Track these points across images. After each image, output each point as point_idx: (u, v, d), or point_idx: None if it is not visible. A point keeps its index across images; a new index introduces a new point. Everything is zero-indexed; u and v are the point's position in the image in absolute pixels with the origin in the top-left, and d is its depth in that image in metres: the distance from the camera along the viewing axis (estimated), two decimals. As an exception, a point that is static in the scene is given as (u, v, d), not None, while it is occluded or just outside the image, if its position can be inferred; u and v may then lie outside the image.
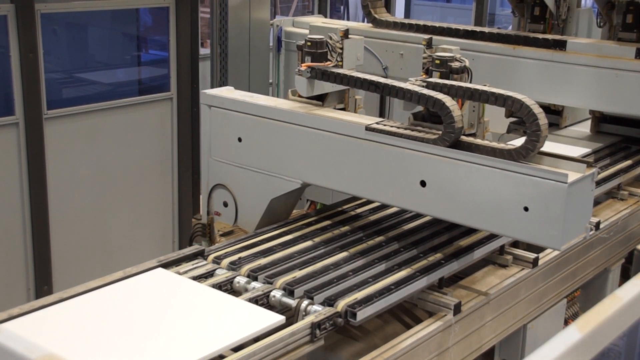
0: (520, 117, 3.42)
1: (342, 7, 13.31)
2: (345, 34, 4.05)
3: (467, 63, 3.68)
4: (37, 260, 6.32)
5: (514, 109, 3.34)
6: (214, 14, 7.78)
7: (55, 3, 6.23)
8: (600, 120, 5.84)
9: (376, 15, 6.92)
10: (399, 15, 11.85)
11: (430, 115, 3.61)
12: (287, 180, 3.98)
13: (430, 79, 3.61)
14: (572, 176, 3.17)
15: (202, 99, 4.29)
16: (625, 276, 4.92)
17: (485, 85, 3.50)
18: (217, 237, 4.13)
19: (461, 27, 6.35)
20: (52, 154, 6.31)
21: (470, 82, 3.65)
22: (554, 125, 5.84)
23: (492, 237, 3.90)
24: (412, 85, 3.55)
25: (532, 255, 3.99)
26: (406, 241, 3.81)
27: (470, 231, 3.95)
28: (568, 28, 6.39)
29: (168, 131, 7.28)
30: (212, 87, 7.97)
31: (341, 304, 3.09)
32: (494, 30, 6.49)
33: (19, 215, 6.19)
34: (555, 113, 5.85)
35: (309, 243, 3.73)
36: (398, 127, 3.63)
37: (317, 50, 3.96)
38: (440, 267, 3.54)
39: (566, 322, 4.49)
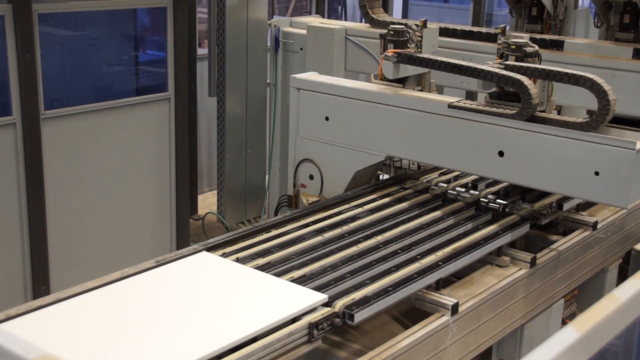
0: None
1: (339, 7, 13.30)
2: (424, 23, 4.63)
3: (537, 48, 4.17)
4: (34, 261, 6.31)
5: (586, 86, 3.82)
6: (212, 14, 7.78)
7: (53, 3, 6.23)
8: (598, 121, 5.84)
9: (374, 16, 6.93)
10: (396, 15, 11.85)
11: (505, 94, 4.10)
12: (372, 154, 4.46)
13: (507, 62, 4.08)
14: (639, 144, 3.63)
15: (292, 82, 4.75)
16: (622, 276, 4.92)
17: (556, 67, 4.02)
18: (307, 205, 4.54)
19: (459, 27, 6.36)
20: (49, 155, 6.30)
21: (540, 64, 4.12)
22: (552, 126, 5.85)
23: (489, 238, 3.90)
24: (492, 67, 4.05)
25: (529, 256, 3.99)
26: (404, 242, 3.81)
27: (468, 233, 3.96)
28: (565, 28, 6.41)
29: (165, 131, 7.27)
30: (210, 87, 7.98)
31: (339, 305, 3.09)
32: (492, 30, 6.50)
33: (17, 215, 6.18)
34: (552, 113, 5.86)
35: (306, 244, 3.72)
36: (477, 105, 4.10)
37: (399, 38, 4.46)
38: (438, 268, 3.54)
39: (564, 322, 4.49)
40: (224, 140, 8.04)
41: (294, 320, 2.95)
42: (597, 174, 3.71)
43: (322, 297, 3.13)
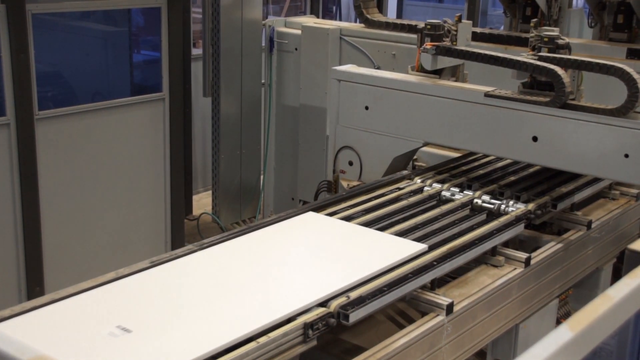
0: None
1: (334, 8, 13.30)
2: (459, 18, 4.88)
3: (568, 40, 4.40)
4: (28, 262, 6.30)
5: (616, 75, 4.07)
6: (206, 14, 7.78)
7: (47, 3, 6.21)
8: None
9: (368, 16, 6.93)
10: (391, 15, 11.85)
11: (538, 83, 4.33)
12: (411, 140, 4.74)
13: (541, 54, 4.32)
14: None
15: (332, 74, 5.02)
16: (616, 275, 4.93)
17: (587, 57, 4.31)
18: (348, 189, 4.78)
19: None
20: (43, 155, 6.29)
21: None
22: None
23: (484, 238, 3.91)
24: (526, 58, 4.29)
25: (524, 255, 4.00)
26: (399, 241, 3.80)
27: (463, 232, 3.96)
28: (559, 28, 6.41)
29: (160, 131, 7.26)
30: (204, 87, 7.97)
31: (334, 305, 3.09)
32: (486, 30, 6.51)
33: (11, 216, 6.16)
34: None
35: (301, 243, 3.72)
36: (512, 94, 4.36)
37: (436, 32, 4.74)
38: (433, 268, 3.54)
39: (558, 322, 4.49)
40: (218, 140, 8.03)
41: (289, 320, 2.95)
42: (626, 156, 3.98)
43: (422, 246, 3.60)
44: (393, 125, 4.77)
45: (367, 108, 4.86)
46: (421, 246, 3.63)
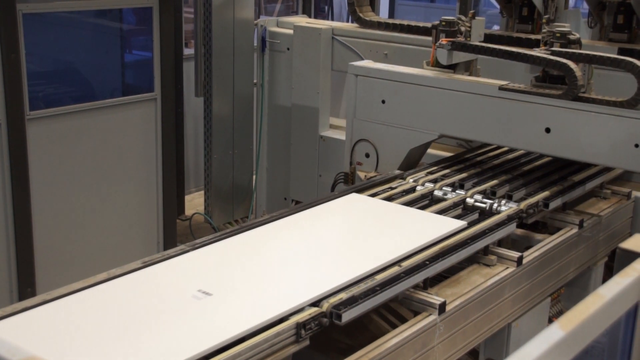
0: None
1: (326, 7, 13.29)
2: (473, 15, 5.10)
3: (579, 36, 4.59)
4: (20, 262, 6.27)
5: (627, 69, 4.25)
6: (198, 14, 7.76)
7: (37, 3, 6.18)
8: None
9: (361, 15, 6.94)
10: (382, 15, 11.85)
11: (550, 77, 4.49)
12: (426, 132, 4.92)
13: (554, 49, 4.48)
14: None
15: (350, 69, 5.20)
16: (608, 274, 4.95)
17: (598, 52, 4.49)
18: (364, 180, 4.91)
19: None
20: (34, 156, 6.26)
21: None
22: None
23: (476, 237, 3.91)
24: (539, 53, 4.47)
25: (516, 254, 4.00)
26: (391, 241, 3.80)
27: (456, 233, 3.96)
28: (555, 28, 6.42)
29: (152, 132, 7.24)
30: (197, 87, 7.95)
31: (326, 305, 3.09)
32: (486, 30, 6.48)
33: (2, 217, 6.14)
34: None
35: (294, 243, 3.72)
36: (525, 87, 4.53)
37: (450, 28, 4.93)
38: (425, 267, 3.54)
39: (550, 320, 4.51)
40: (210, 140, 8.02)
41: (281, 320, 2.95)
42: (637, 146, 4.16)
43: (462, 223, 3.87)
44: (409, 118, 4.95)
45: (383, 102, 5.03)
46: (460, 223, 3.87)
